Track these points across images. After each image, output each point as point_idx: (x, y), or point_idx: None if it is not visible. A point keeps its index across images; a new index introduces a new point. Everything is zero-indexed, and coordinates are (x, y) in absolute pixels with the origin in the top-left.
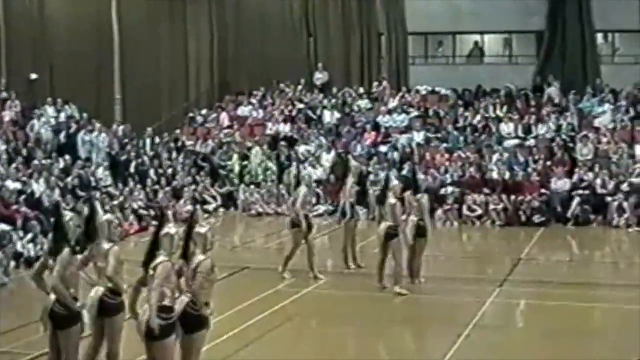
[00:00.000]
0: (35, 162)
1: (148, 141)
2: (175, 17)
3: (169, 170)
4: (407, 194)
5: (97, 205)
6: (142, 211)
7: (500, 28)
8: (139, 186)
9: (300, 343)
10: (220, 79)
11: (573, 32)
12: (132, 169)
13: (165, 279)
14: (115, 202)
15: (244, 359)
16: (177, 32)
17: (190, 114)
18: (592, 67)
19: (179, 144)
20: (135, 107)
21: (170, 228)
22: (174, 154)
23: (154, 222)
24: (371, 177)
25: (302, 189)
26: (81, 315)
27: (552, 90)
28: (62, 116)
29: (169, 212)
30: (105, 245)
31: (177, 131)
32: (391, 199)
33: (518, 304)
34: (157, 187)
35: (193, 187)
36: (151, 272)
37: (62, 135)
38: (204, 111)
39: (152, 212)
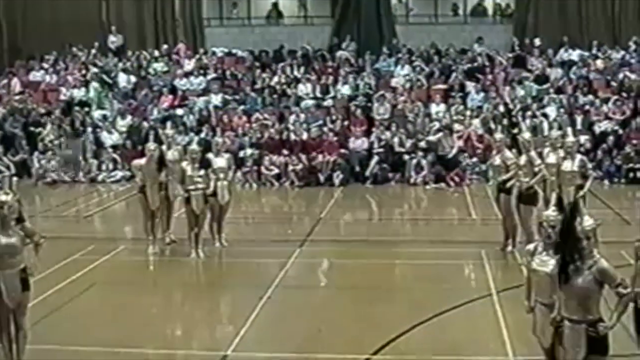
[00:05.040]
0: None
1: None
2: None
3: None
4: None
5: None
6: None
7: None
8: None
9: (98, 313)
10: (10, 43)
11: None
12: None
13: None
14: None
15: (41, 333)
16: None
17: None
18: (387, 27)
19: None
20: None
21: None
22: None
23: None
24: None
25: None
26: None
27: (344, 53)
28: None
29: None
30: None
31: None
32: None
33: (320, 263)
34: None
35: None
36: None
37: None
38: None
39: None
